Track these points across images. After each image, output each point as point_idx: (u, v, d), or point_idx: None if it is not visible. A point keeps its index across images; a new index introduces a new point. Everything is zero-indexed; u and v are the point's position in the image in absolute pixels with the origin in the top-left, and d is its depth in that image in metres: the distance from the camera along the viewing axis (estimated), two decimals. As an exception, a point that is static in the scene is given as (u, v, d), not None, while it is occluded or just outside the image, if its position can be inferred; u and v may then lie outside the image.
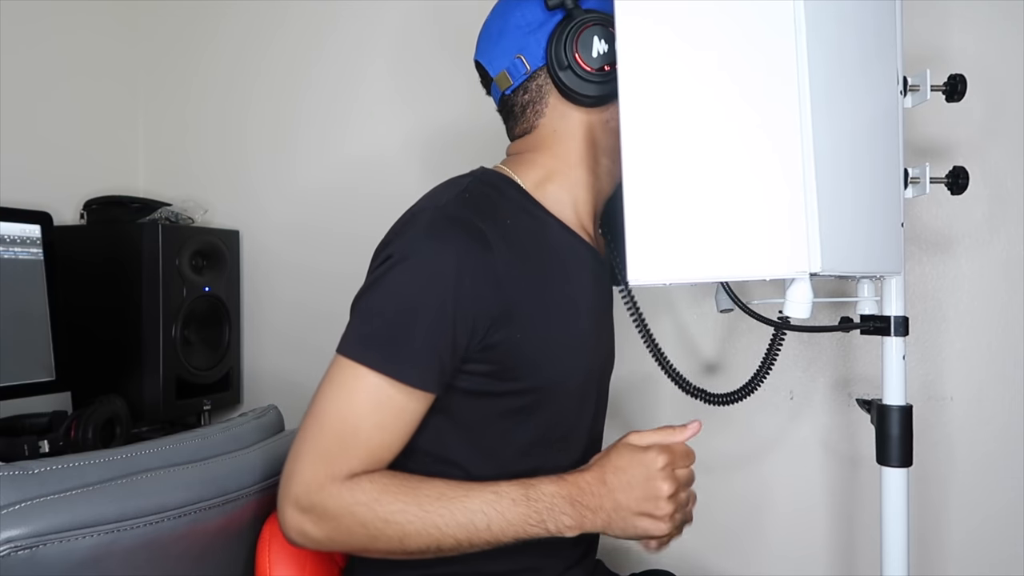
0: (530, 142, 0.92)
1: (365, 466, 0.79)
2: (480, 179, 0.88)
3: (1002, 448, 1.25)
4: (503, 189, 0.88)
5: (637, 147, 0.76)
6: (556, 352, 0.87)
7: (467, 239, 0.80)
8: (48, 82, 1.64)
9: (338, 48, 1.67)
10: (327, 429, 0.79)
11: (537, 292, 0.84)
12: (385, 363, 0.78)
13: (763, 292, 1.17)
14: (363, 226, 1.64)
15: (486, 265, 0.80)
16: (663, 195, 0.76)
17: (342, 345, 0.81)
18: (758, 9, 0.74)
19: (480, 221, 0.81)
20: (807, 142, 0.73)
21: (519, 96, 0.91)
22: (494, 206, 0.85)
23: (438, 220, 0.82)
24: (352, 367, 0.79)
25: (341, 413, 0.79)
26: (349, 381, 0.79)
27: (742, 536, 1.39)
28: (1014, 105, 1.23)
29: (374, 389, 0.78)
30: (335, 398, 0.79)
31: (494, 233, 0.81)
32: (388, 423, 0.79)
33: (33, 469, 0.73)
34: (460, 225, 0.81)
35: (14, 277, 1.35)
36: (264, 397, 1.71)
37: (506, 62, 0.90)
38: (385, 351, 0.78)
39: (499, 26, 0.91)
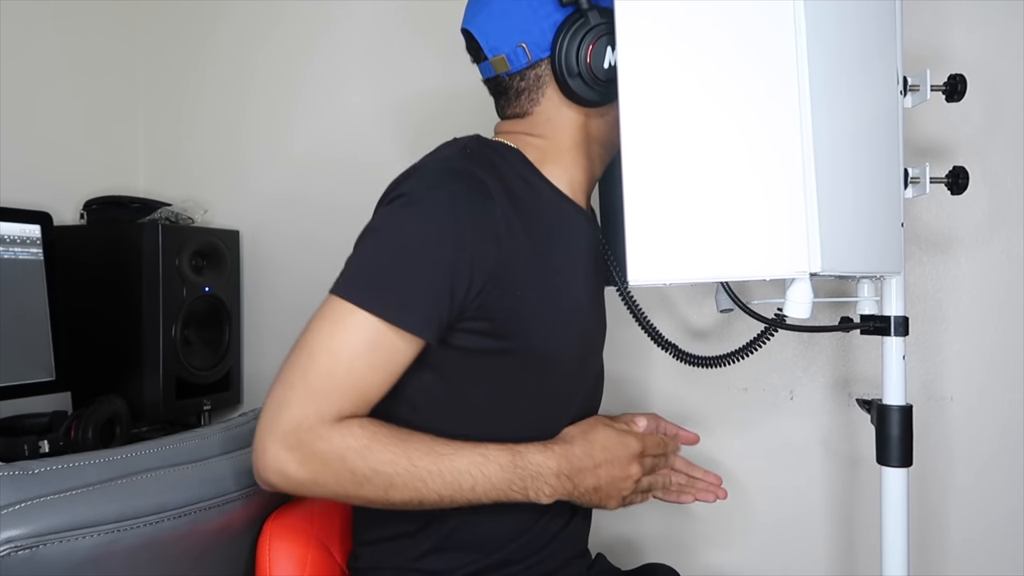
0: (523, 125, 0.92)
1: (354, 407, 0.78)
2: (479, 140, 0.89)
3: (1002, 448, 1.25)
4: (503, 152, 0.88)
5: (637, 147, 0.76)
6: (551, 317, 0.86)
7: (470, 189, 0.80)
8: (48, 82, 1.64)
9: (336, 46, 1.67)
10: (319, 366, 0.77)
11: (534, 254, 0.84)
12: (382, 306, 0.77)
13: (763, 292, 1.17)
14: (363, 225, 1.64)
15: (488, 217, 0.80)
16: (663, 195, 0.76)
17: (338, 285, 0.80)
18: (758, 9, 0.74)
19: (483, 174, 0.81)
20: (807, 142, 0.73)
21: (515, 81, 0.90)
22: (495, 165, 0.85)
23: (442, 170, 0.82)
24: (347, 307, 0.77)
25: (334, 352, 0.77)
26: (344, 320, 0.78)
27: (742, 535, 1.39)
28: (1014, 105, 1.23)
29: (370, 330, 0.77)
30: (328, 336, 0.78)
31: (496, 187, 0.81)
32: (379, 364, 0.79)
33: (33, 469, 0.73)
34: (465, 175, 0.81)
35: (14, 277, 1.35)
36: (264, 397, 1.71)
37: (506, 47, 0.87)
38: (382, 294, 0.78)
39: (502, 4, 0.87)
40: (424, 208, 0.79)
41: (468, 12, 0.91)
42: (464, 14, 0.92)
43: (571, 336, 0.90)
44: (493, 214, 0.80)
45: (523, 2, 0.86)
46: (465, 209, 0.79)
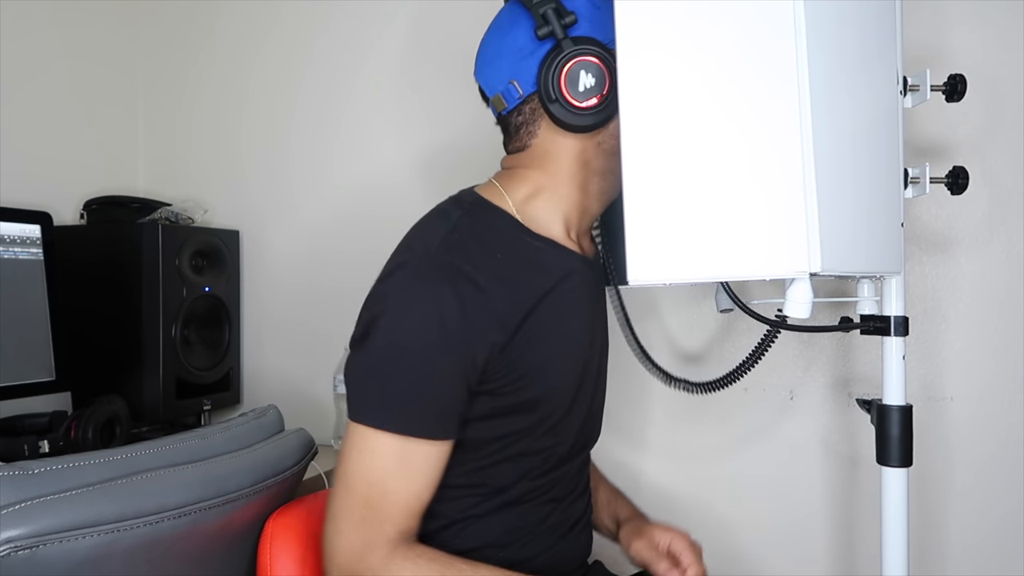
0: (523, 159, 0.94)
1: (400, 524, 0.80)
2: (469, 213, 0.89)
3: (1002, 448, 1.25)
4: (492, 222, 0.89)
5: (637, 147, 0.76)
6: (554, 363, 0.89)
7: (457, 284, 0.80)
8: (48, 82, 1.64)
9: (336, 45, 1.67)
10: (356, 495, 0.80)
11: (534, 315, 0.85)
12: (399, 423, 0.79)
13: (763, 292, 1.17)
14: (363, 225, 1.65)
15: (480, 305, 0.81)
16: (663, 195, 0.76)
17: (352, 411, 0.82)
18: (758, 9, 0.74)
19: (468, 264, 0.82)
20: (807, 142, 0.73)
21: (513, 117, 0.93)
22: (483, 243, 0.86)
23: (427, 268, 0.82)
24: (368, 431, 0.80)
25: (367, 478, 0.80)
26: (368, 444, 0.80)
27: (742, 535, 1.39)
28: (1014, 105, 1.23)
29: (395, 449, 0.80)
30: (359, 464, 0.81)
31: (485, 272, 0.82)
32: (414, 476, 0.81)
33: (33, 469, 0.73)
34: (450, 271, 0.81)
35: (14, 277, 1.35)
36: (264, 397, 1.72)
37: (500, 86, 0.91)
38: (398, 412, 0.79)
39: (494, 48, 0.92)
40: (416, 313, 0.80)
41: (475, 63, 0.96)
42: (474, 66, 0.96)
43: (571, 378, 0.92)
44: (484, 299, 0.81)
45: (510, 43, 0.90)
46: (456, 304, 0.80)
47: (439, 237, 0.85)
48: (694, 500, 1.42)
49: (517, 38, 0.89)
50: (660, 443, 1.44)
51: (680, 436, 1.43)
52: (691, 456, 1.43)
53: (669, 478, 1.44)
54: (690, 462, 1.42)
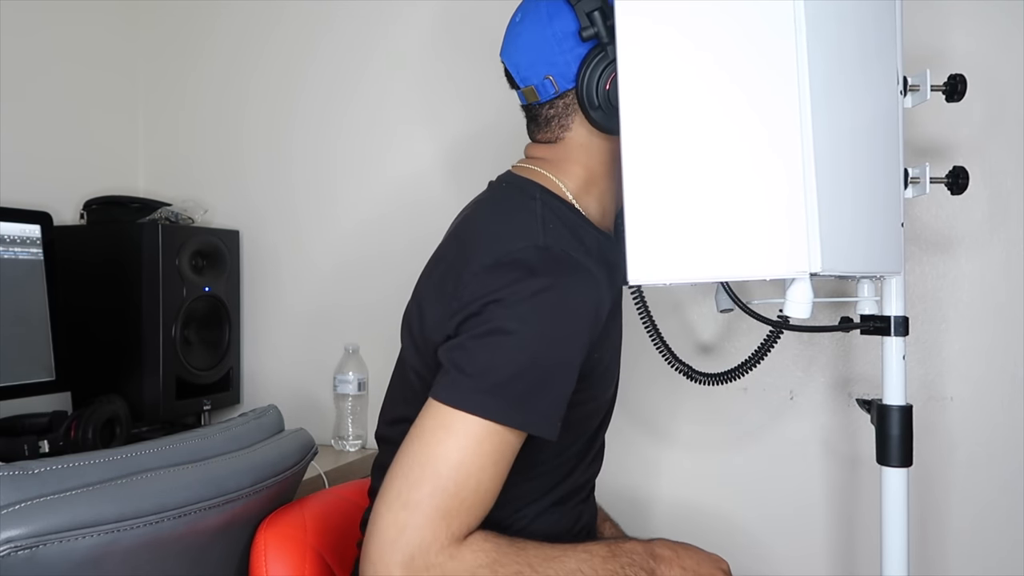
0: (556, 151, 0.92)
1: (479, 520, 0.77)
2: (546, 204, 0.87)
3: (1002, 448, 1.25)
4: (565, 213, 0.88)
5: (637, 147, 0.76)
6: (611, 362, 0.90)
7: (583, 282, 0.80)
8: (48, 82, 1.64)
9: (336, 45, 1.67)
10: (447, 484, 0.73)
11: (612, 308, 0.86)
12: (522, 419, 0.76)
13: (763, 292, 1.17)
14: (363, 225, 1.65)
15: (598, 302, 0.81)
16: (663, 195, 0.76)
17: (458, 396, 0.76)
18: (758, 9, 0.74)
19: (582, 256, 0.82)
20: (807, 142, 0.73)
21: (544, 109, 0.91)
22: (572, 232, 0.86)
23: (549, 263, 0.80)
24: (472, 419, 0.74)
25: (464, 468, 0.74)
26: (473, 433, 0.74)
27: (742, 535, 1.39)
28: (1014, 105, 1.23)
29: (498, 441, 0.75)
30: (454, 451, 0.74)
31: (591, 263, 0.82)
32: (503, 472, 0.77)
33: (33, 469, 0.73)
34: (572, 266, 0.80)
35: (14, 277, 1.35)
36: (264, 397, 1.72)
37: (535, 79, 0.89)
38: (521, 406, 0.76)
39: (529, 36, 0.89)
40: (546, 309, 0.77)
41: (504, 42, 0.93)
42: (502, 43, 0.94)
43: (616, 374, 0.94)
44: (601, 297, 0.81)
45: (549, 36, 0.87)
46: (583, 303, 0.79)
47: (538, 228, 0.83)
48: (694, 499, 1.42)
49: (556, 32, 0.87)
50: (660, 443, 1.44)
51: (680, 436, 1.43)
52: (691, 455, 1.43)
53: (669, 478, 1.44)
54: (690, 461, 1.42)
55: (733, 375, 0.93)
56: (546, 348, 0.77)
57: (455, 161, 1.57)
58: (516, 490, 0.86)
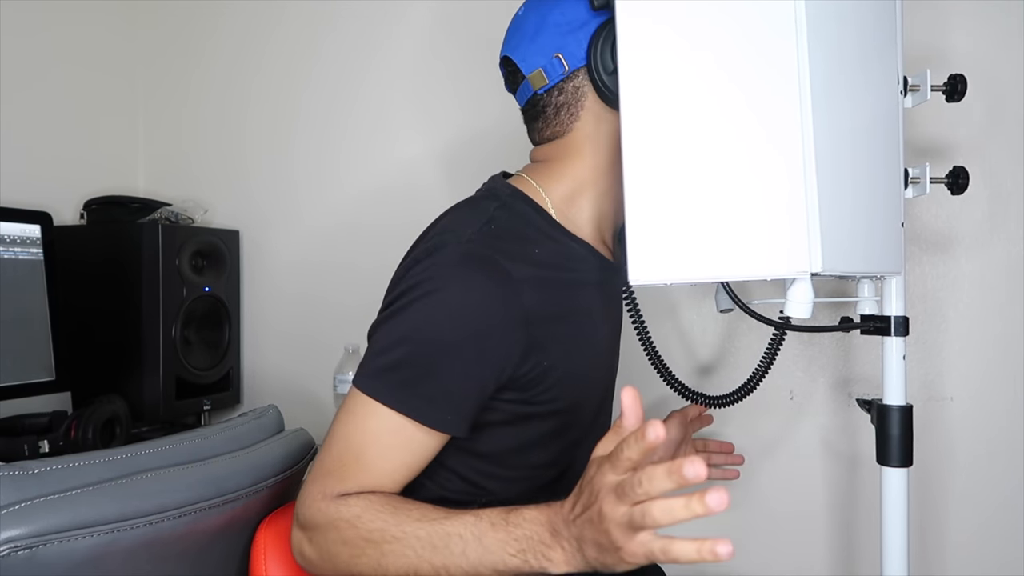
0: (559, 148, 0.90)
1: (361, 488, 0.78)
2: (505, 204, 0.86)
3: (1002, 448, 1.25)
4: (527, 216, 0.87)
5: (638, 147, 0.76)
6: (580, 372, 0.87)
7: (495, 281, 0.78)
8: (48, 82, 1.64)
9: (337, 46, 1.67)
10: (332, 451, 0.79)
11: (564, 318, 0.84)
12: (403, 403, 0.77)
13: (763, 292, 1.17)
14: (363, 225, 1.65)
15: (514, 306, 0.79)
16: (664, 195, 0.75)
17: (358, 378, 0.80)
18: (758, 9, 0.74)
19: (507, 260, 0.80)
20: (807, 142, 0.73)
21: (553, 96, 0.89)
22: (521, 237, 0.84)
23: (465, 257, 0.79)
24: (369, 403, 0.78)
25: (348, 439, 0.79)
26: (362, 411, 0.78)
27: (741, 535, 1.38)
28: (1014, 105, 1.23)
29: (393, 427, 0.78)
30: (345, 424, 0.79)
31: (522, 270, 0.80)
32: (394, 454, 0.79)
33: (33, 469, 0.73)
34: (488, 265, 0.79)
35: (14, 277, 1.35)
36: (264, 397, 1.71)
37: (543, 60, 0.87)
38: (404, 390, 0.77)
39: (535, 22, 0.88)
40: (447, 300, 0.78)
41: (505, 40, 0.92)
42: (502, 44, 0.93)
43: (593, 389, 0.92)
44: (519, 300, 0.79)
45: (557, 15, 0.86)
46: (490, 302, 0.78)
47: (475, 227, 0.82)
48: (694, 500, 1.42)
49: (565, 11, 0.86)
50: (660, 443, 1.44)
51: (680, 436, 1.43)
52: (691, 456, 1.43)
53: (669, 478, 1.44)
54: (690, 462, 1.42)
55: (746, 391, 0.93)
56: (435, 338, 0.77)
57: (457, 162, 1.57)
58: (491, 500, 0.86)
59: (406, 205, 1.59)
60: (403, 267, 0.84)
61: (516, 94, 0.93)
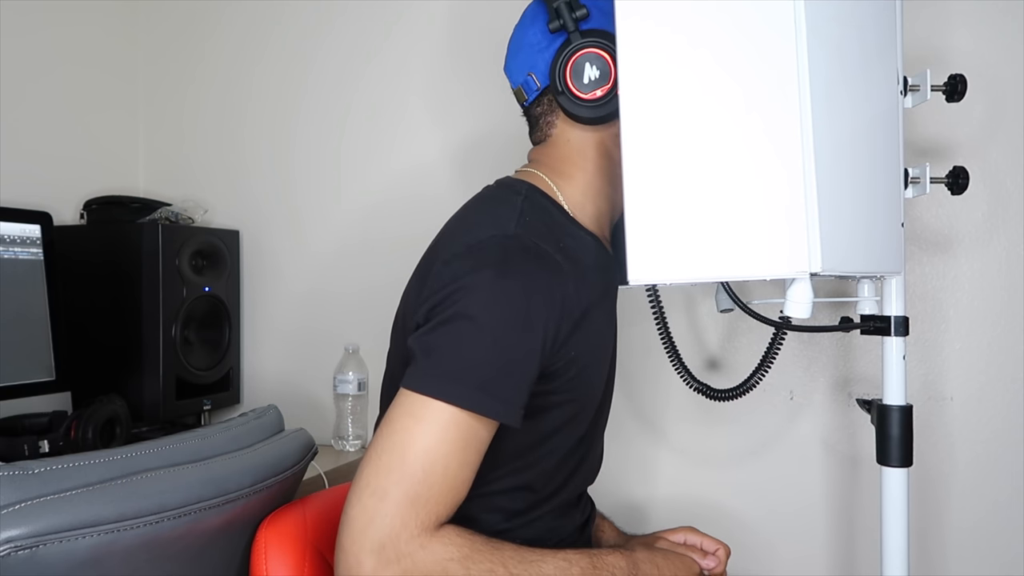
0: (549, 151, 0.94)
1: (450, 510, 0.76)
2: (529, 199, 0.88)
3: (1002, 448, 1.25)
4: (549, 209, 0.89)
5: (638, 147, 0.76)
6: (593, 364, 0.89)
7: (549, 273, 0.80)
8: (48, 82, 1.64)
9: (337, 47, 1.67)
10: (415, 470, 0.73)
11: (587, 310, 0.85)
12: (485, 404, 0.75)
13: (763, 292, 1.17)
14: (363, 225, 1.65)
15: (564, 296, 0.81)
16: (664, 195, 0.76)
17: (420, 383, 0.76)
18: (758, 9, 0.74)
19: (553, 250, 0.82)
20: (807, 142, 0.73)
21: (534, 108, 0.95)
22: (551, 229, 0.86)
23: (515, 251, 0.80)
24: (435, 404, 0.75)
25: (430, 454, 0.74)
26: (436, 417, 0.74)
27: (742, 535, 1.39)
28: (1014, 105, 1.23)
29: (464, 427, 0.75)
30: (421, 436, 0.74)
31: (563, 259, 0.82)
32: (472, 460, 0.77)
33: (33, 469, 0.73)
34: (539, 256, 0.81)
35: (14, 277, 1.35)
36: (264, 397, 1.72)
37: (520, 78, 0.93)
38: (485, 390, 0.76)
39: (516, 42, 0.94)
40: (511, 297, 0.77)
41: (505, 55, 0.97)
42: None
43: (602, 378, 0.93)
44: (567, 291, 0.81)
45: (530, 35, 0.92)
46: (548, 294, 0.79)
47: (512, 220, 0.83)
48: (694, 499, 1.42)
49: (535, 32, 0.91)
50: (659, 443, 1.44)
51: (680, 436, 1.43)
52: (691, 456, 1.43)
53: (668, 477, 1.44)
54: (690, 462, 1.43)
55: (747, 387, 0.93)
56: (507, 334, 0.77)
57: (458, 162, 1.57)
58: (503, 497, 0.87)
59: (406, 205, 1.59)
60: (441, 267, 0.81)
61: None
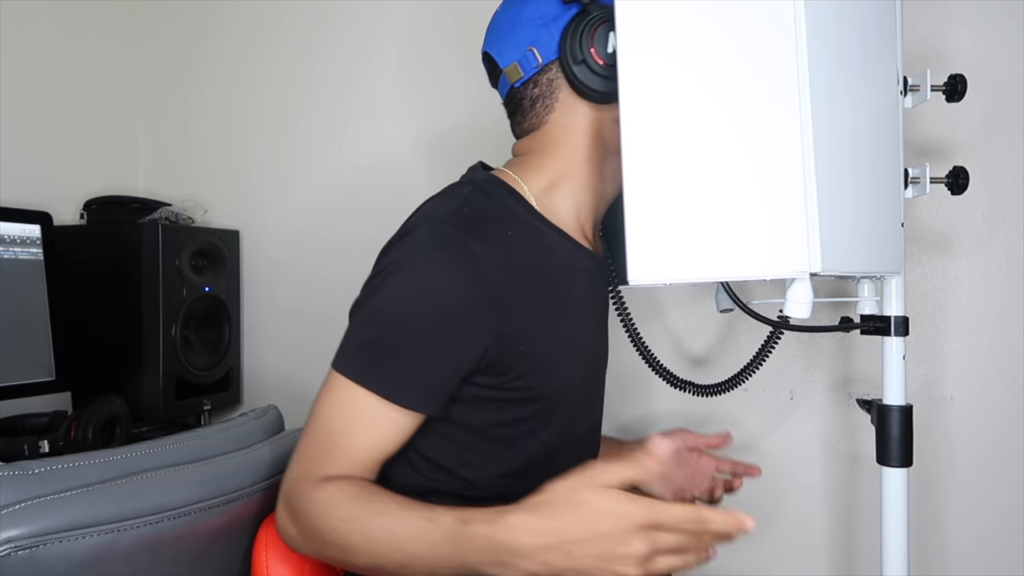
0: (537, 140, 0.92)
1: (339, 470, 0.79)
2: (481, 188, 0.87)
3: (1002, 448, 1.25)
4: (502, 199, 0.87)
5: (638, 147, 0.76)
6: (558, 359, 0.87)
7: (456, 261, 0.79)
8: (48, 82, 1.64)
9: (338, 48, 1.67)
10: (315, 433, 0.81)
11: (540, 305, 0.84)
12: (373, 381, 0.79)
13: (763, 292, 1.17)
14: (363, 226, 1.65)
15: (478, 287, 0.79)
16: (664, 195, 0.76)
17: (336, 359, 0.82)
18: (758, 9, 0.74)
19: (473, 240, 0.80)
20: (807, 142, 0.73)
21: (529, 89, 0.90)
22: (492, 218, 0.84)
23: (431, 238, 0.81)
24: (343, 381, 0.80)
25: (330, 422, 0.81)
26: (340, 392, 0.80)
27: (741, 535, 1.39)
28: (1014, 105, 1.23)
29: (364, 405, 0.79)
30: (327, 407, 0.81)
31: (491, 252, 0.80)
32: (374, 436, 0.80)
33: (33, 469, 0.73)
34: (451, 245, 0.79)
35: (14, 277, 1.35)
36: (264, 397, 1.71)
37: (518, 54, 0.89)
38: (376, 370, 0.79)
39: (511, 17, 0.90)
40: (412, 279, 0.79)
41: (485, 36, 0.94)
42: (483, 41, 0.94)
43: (574, 378, 0.91)
44: (484, 280, 0.79)
45: (531, 10, 0.88)
46: (453, 281, 0.78)
47: (447, 209, 0.84)
48: (694, 500, 1.42)
49: (539, 5, 0.88)
50: (660, 443, 1.44)
51: (680, 436, 1.43)
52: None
53: (669, 478, 1.44)
54: (690, 462, 1.42)
55: (736, 382, 0.93)
56: (398, 316, 0.79)
57: (457, 162, 1.56)
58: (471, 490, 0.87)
59: (406, 204, 1.59)
60: (381, 254, 0.86)
61: (498, 88, 0.95)
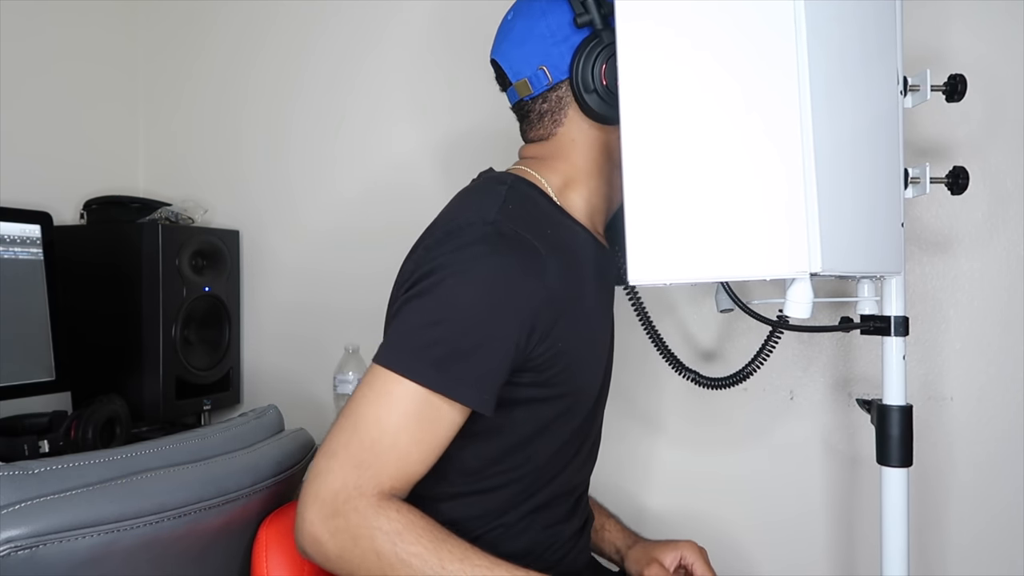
0: (546, 148, 0.92)
1: (395, 480, 0.76)
2: (514, 188, 0.87)
3: (1002, 448, 1.25)
4: (535, 198, 0.88)
5: (638, 147, 0.76)
6: (585, 356, 0.88)
7: (525, 258, 0.79)
8: (48, 82, 1.64)
9: (337, 47, 1.67)
10: (363, 436, 0.75)
11: (575, 300, 0.85)
12: (441, 382, 0.75)
13: (763, 292, 1.17)
14: (363, 226, 1.65)
15: (543, 283, 0.80)
16: (664, 195, 0.76)
17: (384, 356, 0.77)
18: (758, 9, 0.74)
19: (533, 237, 0.81)
20: (807, 142, 0.73)
21: (538, 104, 0.91)
22: (535, 217, 0.85)
23: (493, 236, 0.80)
24: (395, 378, 0.76)
25: (380, 423, 0.75)
26: (392, 390, 0.76)
27: (742, 536, 1.39)
28: (1014, 105, 1.23)
29: (420, 403, 0.75)
30: (376, 406, 0.76)
31: (544, 247, 0.81)
32: (427, 438, 0.77)
33: (33, 469, 0.73)
34: (517, 243, 0.80)
35: (14, 277, 1.35)
36: (264, 397, 1.71)
37: (528, 71, 0.89)
38: (442, 369, 0.76)
39: (522, 31, 0.90)
40: (482, 278, 0.77)
41: (495, 42, 0.94)
42: (492, 44, 0.94)
43: (597, 371, 0.92)
44: (546, 279, 0.80)
45: (543, 27, 0.88)
46: (524, 278, 0.78)
47: (494, 208, 0.83)
48: (693, 500, 1.42)
49: (551, 23, 0.88)
50: (659, 443, 1.44)
51: (680, 436, 1.43)
52: (691, 456, 1.43)
53: (668, 478, 1.44)
54: (690, 462, 1.42)
55: (737, 378, 0.93)
56: (472, 316, 0.77)
57: (456, 160, 1.57)
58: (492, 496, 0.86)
59: (405, 204, 1.59)
60: (422, 252, 0.83)
61: (506, 93, 0.95)
